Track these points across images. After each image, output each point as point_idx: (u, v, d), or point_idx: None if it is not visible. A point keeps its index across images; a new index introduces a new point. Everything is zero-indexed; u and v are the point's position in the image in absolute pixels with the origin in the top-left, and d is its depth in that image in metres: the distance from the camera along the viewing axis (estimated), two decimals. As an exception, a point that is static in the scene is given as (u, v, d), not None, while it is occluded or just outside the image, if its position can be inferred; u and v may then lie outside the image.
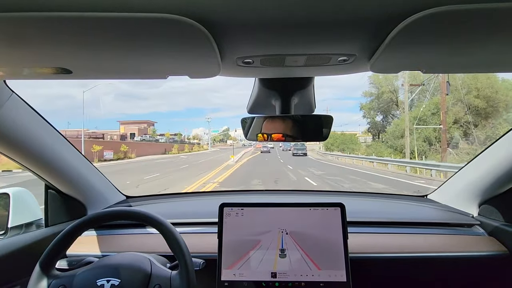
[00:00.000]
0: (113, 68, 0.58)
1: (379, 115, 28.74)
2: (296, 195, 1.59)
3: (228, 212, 0.90)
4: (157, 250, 0.90)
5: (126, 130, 43.41)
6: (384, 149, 21.53)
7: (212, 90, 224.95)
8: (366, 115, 29.21)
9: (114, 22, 0.39)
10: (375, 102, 27.87)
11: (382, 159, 16.18)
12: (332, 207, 0.89)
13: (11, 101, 0.76)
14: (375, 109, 28.24)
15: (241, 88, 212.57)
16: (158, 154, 30.64)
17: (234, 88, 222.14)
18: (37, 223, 1.05)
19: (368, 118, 29.29)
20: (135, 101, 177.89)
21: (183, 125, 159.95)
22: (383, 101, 26.76)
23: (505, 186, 0.98)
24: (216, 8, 0.38)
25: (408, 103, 17.84)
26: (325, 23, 0.42)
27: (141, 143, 33.78)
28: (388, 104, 26.66)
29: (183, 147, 41.08)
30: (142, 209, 0.77)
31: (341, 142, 29.02)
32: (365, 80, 30.48)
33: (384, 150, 21.44)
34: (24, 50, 0.47)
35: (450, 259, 0.97)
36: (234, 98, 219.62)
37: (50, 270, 0.72)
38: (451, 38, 0.45)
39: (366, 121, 29.63)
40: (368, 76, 27.04)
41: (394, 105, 26.41)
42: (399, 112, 25.41)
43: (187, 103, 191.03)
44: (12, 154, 0.84)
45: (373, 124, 29.02)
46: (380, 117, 28.73)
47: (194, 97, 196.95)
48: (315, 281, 0.83)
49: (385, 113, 27.85)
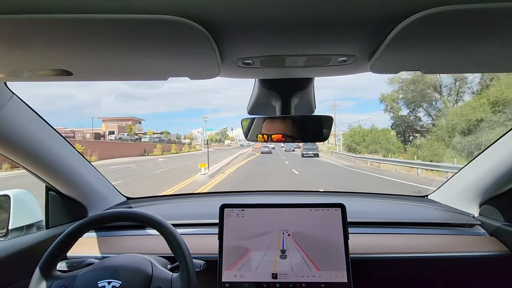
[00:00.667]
0: (114, 69, 0.58)
1: (408, 107, 22.10)
2: (296, 195, 1.59)
3: (228, 213, 0.90)
4: (157, 251, 0.90)
5: (107, 128, 38.35)
6: (442, 150, 14.51)
7: (212, 91, 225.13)
8: (391, 108, 23.11)
9: (115, 23, 0.39)
10: (406, 90, 21.80)
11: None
12: (332, 207, 0.88)
13: (12, 102, 0.76)
14: (408, 98, 21.67)
15: (241, 89, 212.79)
16: (134, 156, 26.26)
17: (234, 89, 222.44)
18: (38, 225, 1.05)
19: (391, 112, 23.27)
20: (136, 102, 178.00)
21: (182, 126, 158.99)
22: (417, 89, 20.70)
23: (506, 186, 0.98)
24: (216, 9, 0.39)
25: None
26: (325, 24, 0.42)
27: (115, 143, 29.36)
28: (423, 93, 20.53)
29: (170, 147, 36.20)
30: (142, 210, 0.77)
31: (371, 141, 21.85)
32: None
33: (442, 151, 14.44)
34: (24, 52, 0.47)
35: (451, 259, 0.97)
36: (234, 99, 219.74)
37: (51, 271, 0.72)
38: (451, 38, 0.45)
39: (389, 116, 23.58)
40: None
41: (433, 93, 20.25)
42: (440, 102, 19.55)
43: (187, 103, 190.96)
44: (13, 156, 0.84)
45: (399, 119, 22.88)
46: (407, 110, 22.44)
47: (194, 98, 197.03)
48: (316, 282, 0.83)
49: (418, 104, 21.38)
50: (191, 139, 60.58)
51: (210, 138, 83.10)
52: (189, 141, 56.72)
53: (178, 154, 33.39)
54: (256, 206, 0.91)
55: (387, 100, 23.13)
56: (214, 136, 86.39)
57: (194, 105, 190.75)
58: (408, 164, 12.72)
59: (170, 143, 40.54)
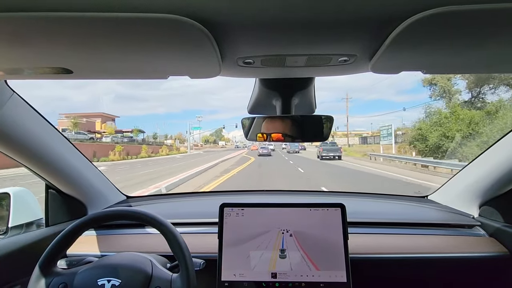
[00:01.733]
0: (114, 68, 0.58)
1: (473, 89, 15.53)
2: (296, 195, 1.59)
3: (228, 212, 0.90)
4: (157, 250, 0.90)
5: (61, 125, 28.84)
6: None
7: (210, 92, 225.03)
8: (444, 92, 16.86)
9: (115, 22, 0.39)
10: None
11: None
12: (332, 207, 0.88)
13: (12, 100, 0.76)
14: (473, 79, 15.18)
15: (239, 90, 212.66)
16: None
17: (232, 90, 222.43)
18: (38, 223, 1.05)
19: (444, 97, 16.79)
20: (133, 103, 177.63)
21: (178, 127, 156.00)
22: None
23: (506, 187, 0.98)
24: (217, 8, 0.39)
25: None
26: (326, 24, 0.42)
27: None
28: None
29: (140, 149, 29.47)
30: (142, 209, 0.77)
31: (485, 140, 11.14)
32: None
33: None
34: (25, 50, 0.47)
35: (451, 260, 0.97)
36: (232, 100, 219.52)
37: (51, 269, 0.72)
38: (452, 38, 0.45)
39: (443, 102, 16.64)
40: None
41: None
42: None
43: (184, 105, 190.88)
44: (13, 154, 0.84)
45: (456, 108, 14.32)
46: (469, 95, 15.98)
47: (191, 99, 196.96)
48: (315, 281, 0.83)
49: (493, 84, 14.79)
50: (175, 140, 52.71)
51: (204, 139, 75.65)
52: (172, 141, 49.11)
53: (149, 159, 26.48)
54: (256, 206, 0.91)
55: (441, 82, 16.06)
56: (209, 137, 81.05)
57: (191, 106, 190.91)
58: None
59: (144, 144, 33.68)
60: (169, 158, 26.58)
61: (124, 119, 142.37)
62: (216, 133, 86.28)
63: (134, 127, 39.62)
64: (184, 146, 46.14)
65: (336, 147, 19.01)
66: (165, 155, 32.88)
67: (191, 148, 45.83)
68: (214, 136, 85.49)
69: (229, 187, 8.35)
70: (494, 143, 1.00)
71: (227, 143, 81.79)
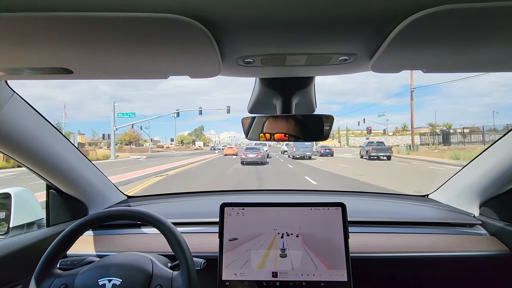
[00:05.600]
0: (114, 68, 0.58)
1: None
2: (297, 194, 1.59)
3: (229, 212, 0.90)
4: (157, 249, 0.90)
5: None
6: None
7: (198, 93, 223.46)
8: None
9: (115, 22, 0.39)
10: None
11: None
12: (333, 206, 0.88)
13: (13, 101, 0.76)
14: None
15: (228, 92, 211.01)
16: None
17: (221, 91, 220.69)
18: (39, 223, 1.06)
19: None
20: (120, 104, 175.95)
21: (166, 129, 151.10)
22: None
23: (507, 186, 0.98)
24: (217, 8, 0.38)
25: None
26: (326, 22, 0.42)
27: None
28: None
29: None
30: (143, 209, 0.78)
31: None
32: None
33: None
34: (25, 50, 0.47)
35: (452, 258, 0.97)
36: (221, 102, 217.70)
37: (52, 270, 0.72)
38: (452, 37, 0.45)
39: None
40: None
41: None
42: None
43: (173, 106, 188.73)
44: (14, 154, 0.84)
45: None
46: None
47: (179, 99, 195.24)
48: (316, 280, 0.83)
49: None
50: (97, 143, 39.17)
51: (180, 139, 65.57)
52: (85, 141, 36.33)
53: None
54: (256, 205, 0.91)
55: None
56: (186, 137, 72.03)
57: (179, 107, 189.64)
58: None
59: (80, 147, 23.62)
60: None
61: (105, 119, 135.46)
62: (195, 133, 78.95)
63: (78, 131, 34.24)
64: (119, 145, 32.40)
65: (385, 147, 18.60)
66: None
67: (151, 149, 31.89)
68: (193, 135, 77.23)
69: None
70: (495, 141, 0.99)
71: (206, 144, 71.30)
